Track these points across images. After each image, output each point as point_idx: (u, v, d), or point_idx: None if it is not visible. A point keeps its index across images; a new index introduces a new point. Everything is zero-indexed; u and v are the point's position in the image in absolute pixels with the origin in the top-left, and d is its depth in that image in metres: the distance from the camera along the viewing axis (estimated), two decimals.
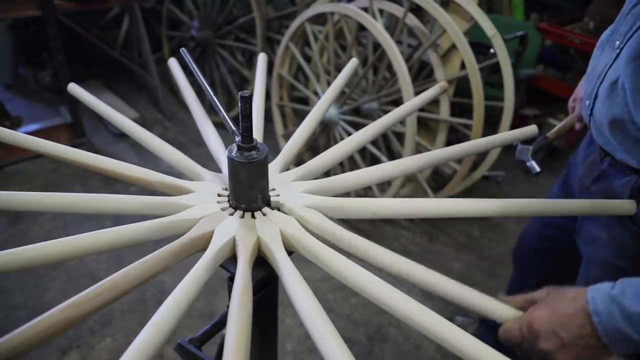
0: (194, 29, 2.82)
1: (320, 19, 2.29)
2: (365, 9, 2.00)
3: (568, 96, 1.05)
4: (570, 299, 0.59)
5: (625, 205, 0.61)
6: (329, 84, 2.18)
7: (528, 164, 0.92)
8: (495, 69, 2.02)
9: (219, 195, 0.65)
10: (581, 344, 0.58)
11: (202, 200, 0.63)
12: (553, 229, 1.12)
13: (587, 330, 0.57)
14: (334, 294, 1.84)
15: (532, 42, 2.36)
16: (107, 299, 0.46)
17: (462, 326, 1.91)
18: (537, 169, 0.91)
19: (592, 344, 0.57)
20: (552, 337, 0.58)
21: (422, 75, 2.23)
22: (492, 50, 1.98)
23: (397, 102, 2.09)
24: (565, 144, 2.55)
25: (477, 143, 0.74)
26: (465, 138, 2.10)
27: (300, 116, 2.49)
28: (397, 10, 1.97)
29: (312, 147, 2.46)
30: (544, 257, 1.20)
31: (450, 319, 1.76)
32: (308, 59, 2.42)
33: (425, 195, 2.09)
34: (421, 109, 1.70)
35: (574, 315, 0.58)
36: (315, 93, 2.30)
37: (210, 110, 2.48)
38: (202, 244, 0.56)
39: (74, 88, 0.81)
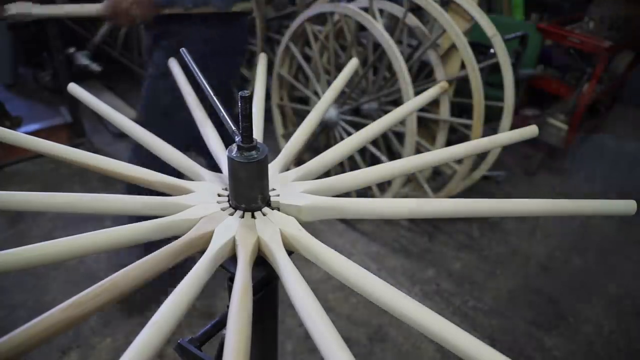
0: None
1: (320, 19, 2.29)
2: (365, 9, 2.00)
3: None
4: None
5: (625, 205, 0.61)
6: (329, 84, 2.18)
7: (91, 66, 1.16)
8: (495, 69, 2.02)
9: (219, 195, 0.65)
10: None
11: (202, 200, 0.63)
12: None
13: None
14: (334, 294, 1.84)
15: (532, 42, 2.36)
16: (107, 299, 0.46)
17: None
18: (98, 68, 1.17)
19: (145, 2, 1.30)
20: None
21: (422, 75, 2.23)
22: (492, 50, 1.98)
23: (397, 102, 2.09)
24: (566, 144, 2.55)
25: (477, 143, 0.73)
26: (465, 138, 2.10)
27: (300, 116, 2.49)
28: (397, 10, 1.97)
29: (312, 147, 2.46)
30: None
31: None
32: (308, 59, 2.42)
33: (425, 195, 2.09)
34: (421, 109, 1.70)
35: None
36: (315, 93, 2.30)
37: (211, 110, 2.48)
38: (202, 244, 0.56)
39: (74, 88, 0.81)
